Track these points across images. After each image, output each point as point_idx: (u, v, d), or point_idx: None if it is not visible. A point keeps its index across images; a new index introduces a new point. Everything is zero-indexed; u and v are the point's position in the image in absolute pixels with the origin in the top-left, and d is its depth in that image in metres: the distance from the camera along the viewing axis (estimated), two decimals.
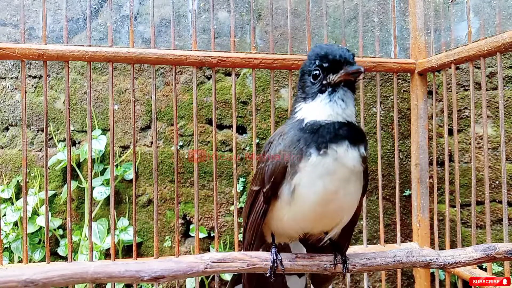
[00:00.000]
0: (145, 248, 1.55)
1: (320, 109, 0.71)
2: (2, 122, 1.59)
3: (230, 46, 1.29)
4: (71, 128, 1.56)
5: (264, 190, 0.75)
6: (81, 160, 1.53)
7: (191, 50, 1.23)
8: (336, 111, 0.70)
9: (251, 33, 1.28)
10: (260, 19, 1.60)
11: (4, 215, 1.46)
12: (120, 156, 1.55)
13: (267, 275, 0.74)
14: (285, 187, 0.72)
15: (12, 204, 1.51)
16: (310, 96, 0.73)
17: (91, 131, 1.18)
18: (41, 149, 1.57)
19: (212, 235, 1.53)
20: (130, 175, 1.51)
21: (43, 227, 1.44)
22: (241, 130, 1.57)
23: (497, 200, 1.46)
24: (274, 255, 0.76)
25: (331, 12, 1.60)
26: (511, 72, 1.49)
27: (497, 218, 1.46)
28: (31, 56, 1.13)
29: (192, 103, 1.54)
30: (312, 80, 0.72)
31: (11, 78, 1.59)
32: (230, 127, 1.55)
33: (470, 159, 1.41)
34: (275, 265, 0.74)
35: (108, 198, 1.47)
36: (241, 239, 1.50)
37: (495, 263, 1.41)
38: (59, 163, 1.50)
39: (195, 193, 1.21)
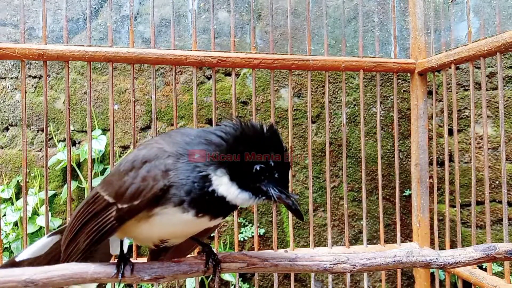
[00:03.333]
0: (145, 248, 1.54)
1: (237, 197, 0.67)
2: (2, 122, 1.59)
3: (230, 46, 1.29)
4: (71, 128, 1.55)
5: None
6: (81, 160, 1.53)
7: (191, 50, 1.23)
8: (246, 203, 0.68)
9: (251, 33, 1.28)
10: (260, 19, 1.60)
11: (4, 215, 1.46)
12: (120, 156, 1.55)
13: None
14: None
15: (12, 204, 1.50)
16: (239, 184, 0.66)
17: (91, 131, 1.18)
18: (41, 149, 1.57)
19: (212, 235, 1.53)
20: None
21: (43, 227, 1.44)
22: None
23: (497, 200, 1.46)
24: None
25: (331, 12, 1.60)
26: (511, 72, 1.49)
27: (497, 218, 1.46)
28: (31, 56, 1.13)
29: (192, 103, 1.54)
30: (256, 172, 0.65)
31: (11, 78, 1.59)
32: None
33: (470, 159, 1.41)
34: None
35: None
36: (241, 239, 1.50)
37: (495, 263, 1.41)
38: (59, 163, 1.50)
39: None
